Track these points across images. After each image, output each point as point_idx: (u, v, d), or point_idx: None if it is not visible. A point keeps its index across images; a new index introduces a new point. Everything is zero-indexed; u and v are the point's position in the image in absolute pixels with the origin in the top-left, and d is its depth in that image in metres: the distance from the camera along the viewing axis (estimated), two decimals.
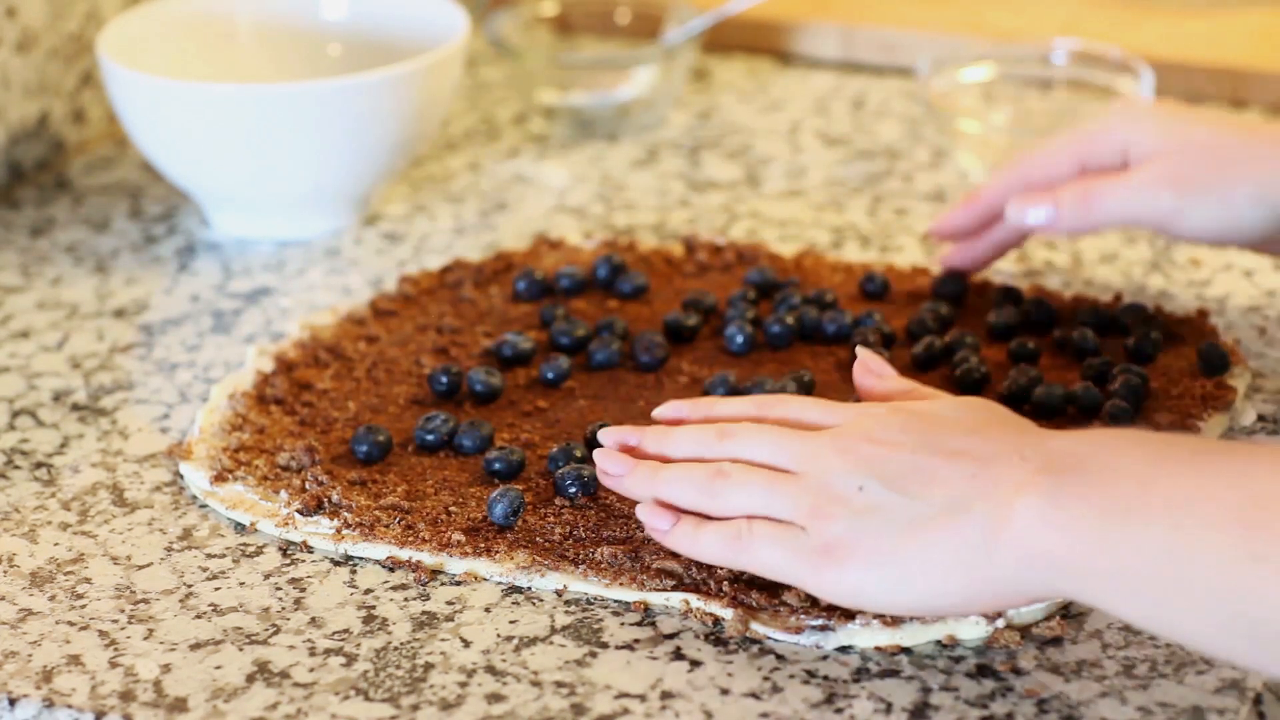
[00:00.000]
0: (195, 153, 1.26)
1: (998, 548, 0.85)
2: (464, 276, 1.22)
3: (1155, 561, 0.81)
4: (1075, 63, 1.40)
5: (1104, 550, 0.82)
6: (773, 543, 0.90)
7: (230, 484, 1.03)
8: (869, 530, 0.87)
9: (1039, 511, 0.84)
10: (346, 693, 0.89)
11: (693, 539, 0.92)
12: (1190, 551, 0.80)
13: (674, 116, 1.46)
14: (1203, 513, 0.80)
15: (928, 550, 0.86)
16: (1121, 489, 0.83)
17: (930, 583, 0.87)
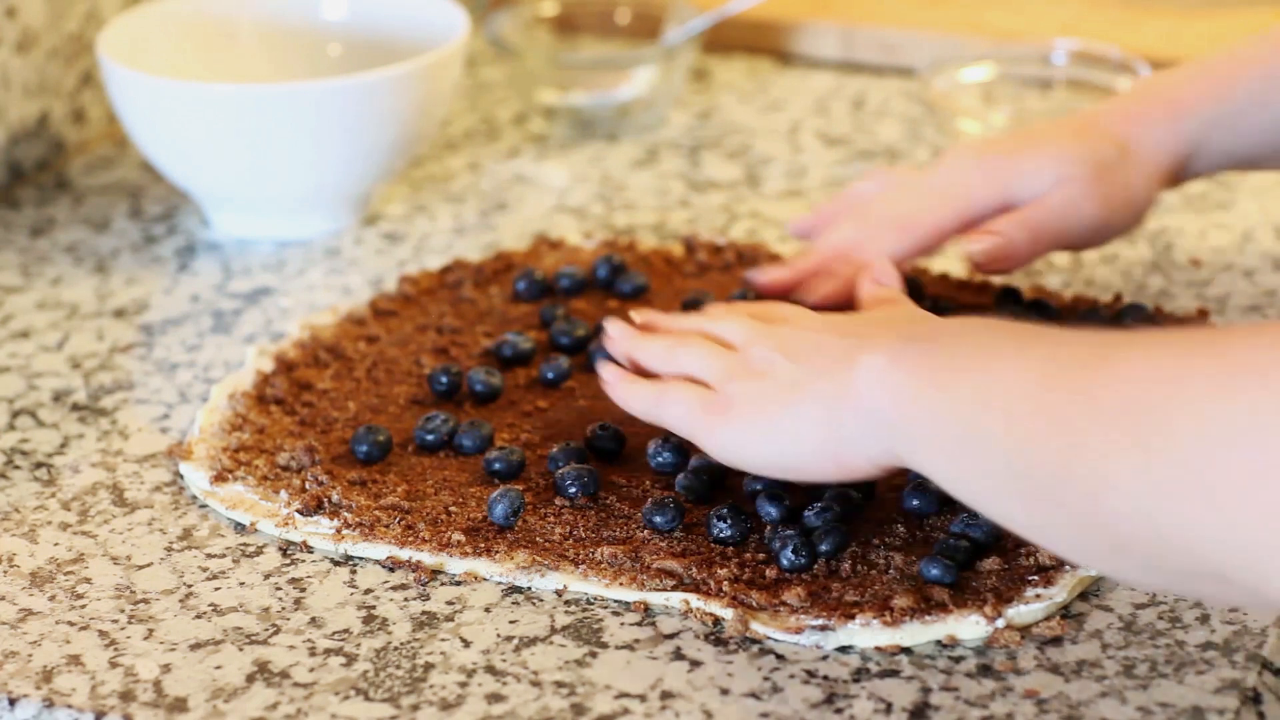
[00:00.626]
0: (195, 153, 1.26)
1: (844, 406, 0.90)
2: (464, 276, 1.22)
3: (960, 421, 0.84)
4: (1075, 63, 1.40)
5: (921, 409, 0.86)
6: (682, 400, 0.96)
7: (230, 484, 1.03)
8: (755, 390, 0.94)
9: (878, 371, 0.88)
10: (346, 693, 0.89)
11: (626, 389, 1.00)
12: (988, 410, 0.83)
13: (674, 116, 1.46)
14: (1006, 374, 0.83)
15: (794, 408, 0.92)
16: (951, 355, 0.86)
17: (792, 439, 0.92)
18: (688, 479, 1.00)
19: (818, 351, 0.93)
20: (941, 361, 0.87)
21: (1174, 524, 0.76)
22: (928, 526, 0.97)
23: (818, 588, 0.94)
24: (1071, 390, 0.80)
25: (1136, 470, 0.76)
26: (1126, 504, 0.77)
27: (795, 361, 0.93)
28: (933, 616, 0.92)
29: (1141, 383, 0.78)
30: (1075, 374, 0.80)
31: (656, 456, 1.02)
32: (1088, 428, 0.78)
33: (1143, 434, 0.76)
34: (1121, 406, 0.78)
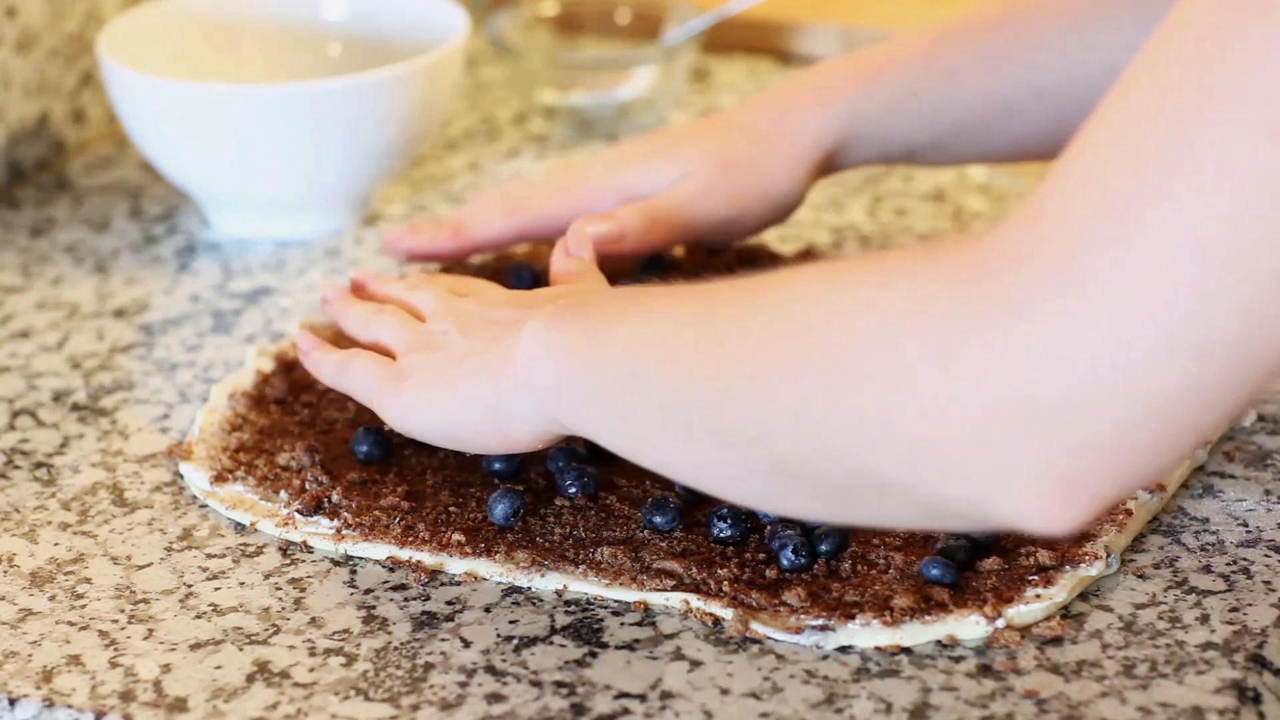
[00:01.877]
0: (195, 153, 1.26)
1: (504, 377, 0.92)
2: (464, 277, 1.22)
3: (615, 370, 0.86)
4: None
5: (577, 367, 0.88)
6: (365, 370, 0.99)
7: (230, 484, 1.03)
8: (428, 362, 0.96)
9: (534, 336, 0.90)
10: (346, 693, 0.89)
11: (316, 358, 1.03)
12: (643, 355, 0.85)
13: (674, 116, 1.46)
14: (660, 318, 0.85)
15: (460, 381, 0.94)
16: (606, 310, 0.89)
17: (456, 411, 0.95)
18: None
19: (487, 324, 0.95)
20: (596, 317, 0.89)
21: (829, 434, 0.78)
22: None
23: (818, 588, 0.94)
24: (725, 319, 0.83)
25: (790, 380, 0.79)
26: (783, 416, 0.79)
27: (466, 335, 0.95)
28: (933, 616, 0.92)
29: (796, 299, 0.80)
30: (727, 306, 0.83)
31: None
32: (741, 345, 0.81)
33: (795, 344, 0.79)
34: (771, 320, 0.80)
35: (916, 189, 1.34)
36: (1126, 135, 0.73)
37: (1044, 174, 0.76)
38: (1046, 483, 0.74)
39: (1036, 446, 0.74)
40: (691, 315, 0.85)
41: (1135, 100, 0.74)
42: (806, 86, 1.15)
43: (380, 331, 1.02)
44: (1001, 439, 0.74)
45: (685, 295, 0.87)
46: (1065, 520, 0.75)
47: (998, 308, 0.74)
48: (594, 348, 0.88)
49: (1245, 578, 0.95)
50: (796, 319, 0.80)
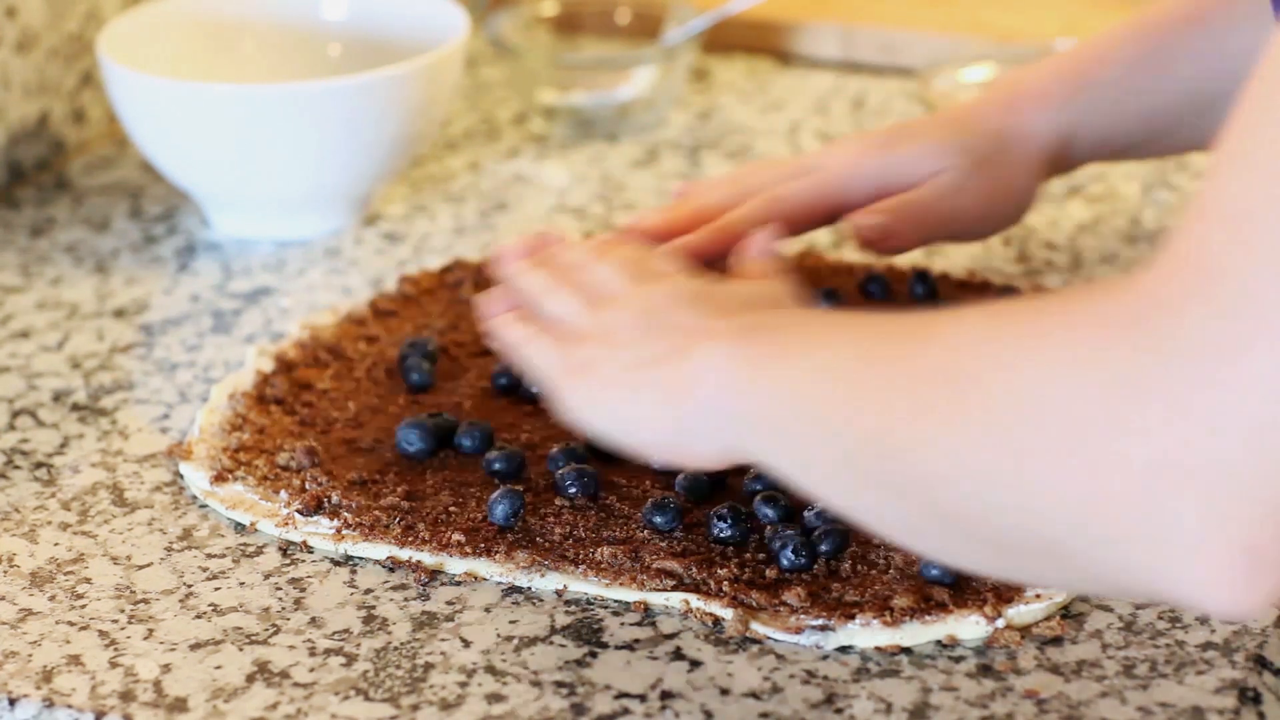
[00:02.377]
0: (195, 153, 1.26)
1: (683, 398, 0.88)
2: (464, 276, 1.22)
3: (790, 405, 0.83)
4: None
5: (755, 398, 0.84)
6: (544, 351, 0.95)
7: (230, 484, 1.03)
8: (603, 360, 0.91)
9: (715, 361, 0.87)
10: (346, 693, 0.89)
11: (503, 328, 0.97)
12: (815, 391, 0.82)
13: (674, 116, 1.46)
14: (830, 354, 0.82)
15: (634, 393, 0.90)
16: (785, 341, 0.85)
17: (633, 422, 0.90)
18: (688, 479, 1.00)
19: (667, 329, 0.91)
20: (774, 349, 0.85)
21: (995, 490, 0.73)
22: None
23: (818, 588, 0.94)
24: (890, 360, 0.79)
25: (954, 433, 0.75)
26: (948, 470, 0.75)
27: (644, 338, 0.91)
28: (933, 616, 0.92)
29: (956, 348, 0.76)
30: (894, 345, 0.80)
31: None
32: (905, 394, 0.77)
33: (957, 396, 0.75)
34: (935, 370, 0.76)
35: None
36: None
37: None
38: (1228, 552, 0.67)
39: (1215, 511, 0.67)
40: (858, 354, 0.81)
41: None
42: (1026, 88, 1.12)
43: (559, 307, 0.96)
44: (1176, 502, 0.68)
45: (854, 331, 0.83)
46: (1250, 596, 0.68)
47: (1168, 358, 0.68)
48: (769, 383, 0.84)
49: None
50: (956, 368, 0.76)
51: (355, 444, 1.06)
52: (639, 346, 0.90)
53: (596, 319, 0.94)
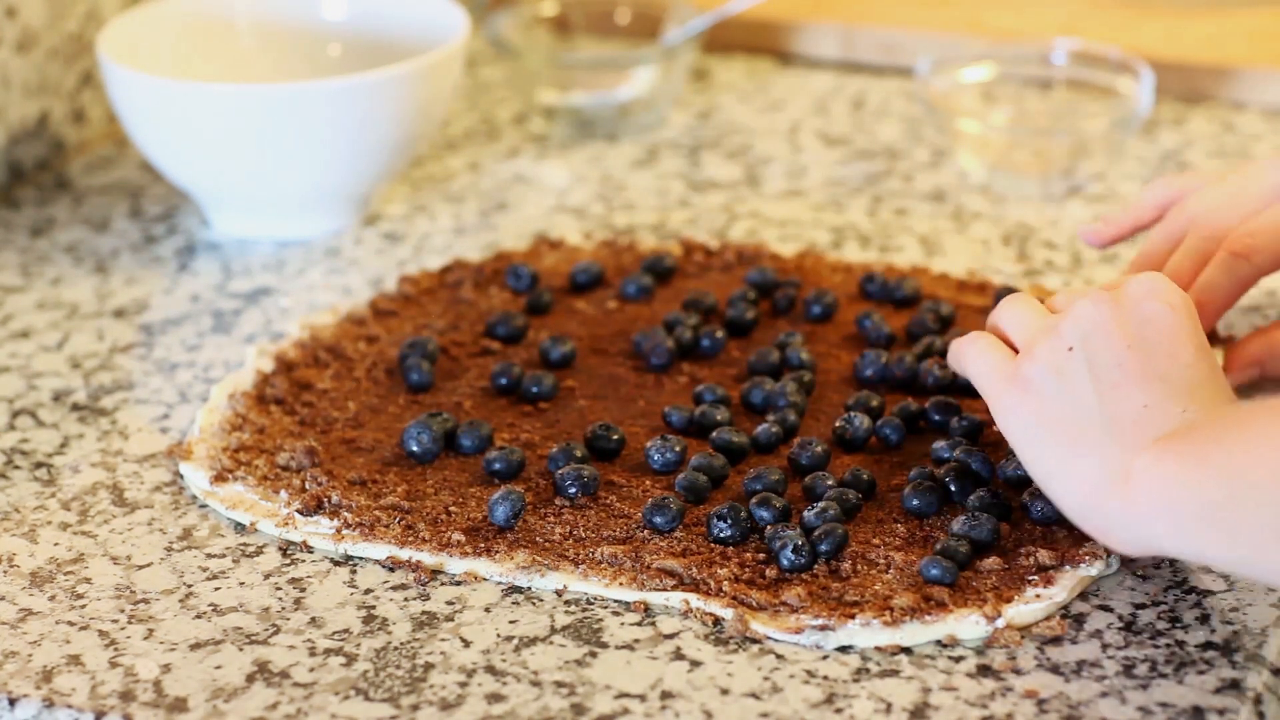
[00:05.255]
0: (195, 153, 1.26)
1: (1115, 492, 0.89)
2: (464, 276, 1.22)
3: (1227, 499, 0.84)
4: (1075, 63, 1.40)
5: (1191, 501, 0.86)
6: (984, 355, 0.95)
7: (230, 484, 1.03)
8: (1050, 394, 0.92)
9: (1151, 469, 0.88)
10: (346, 693, 0.89)
11: (957, 341, 0.98)
12: (1252, 484, 0.84)
13: (674, 116, 1.46)
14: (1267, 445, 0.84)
15: (1074, 452, 0.91)
16: (1217, 440, 0.86)
17: (1057, 476, 0.91)
18: (688, 479, 1.00)
19: (1120, 391, 0.91)
20: (1202, 445, 0.87)
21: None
22: (928, 526, 0.98)
23: (818, 588, 0.94)
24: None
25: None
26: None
27: (1097, 390, 0.91)
28: (933, 616, 0.92)
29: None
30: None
31: (657, 456, 1.02)
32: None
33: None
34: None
35: (916, 189, 1.35)
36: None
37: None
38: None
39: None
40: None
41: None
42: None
43: (1008, 319, 0.97)
44: None
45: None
46: None
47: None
48: (1200, 473, 0.86)
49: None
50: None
51: (355, 444, 1.06)
52: (1084, 402, 0.91)
53: (1045, 338, 0.93)
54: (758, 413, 1.07)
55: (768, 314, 1.17)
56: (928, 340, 1.11)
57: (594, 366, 1.12)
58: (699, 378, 1.11)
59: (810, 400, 1.08)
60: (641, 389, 1.10)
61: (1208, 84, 1.45)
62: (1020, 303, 0.97)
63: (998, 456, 1.02)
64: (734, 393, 1.09)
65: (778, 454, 1.04)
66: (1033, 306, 0.97)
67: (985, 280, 1.20)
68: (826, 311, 1.16)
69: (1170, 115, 1.43)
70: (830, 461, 1.02)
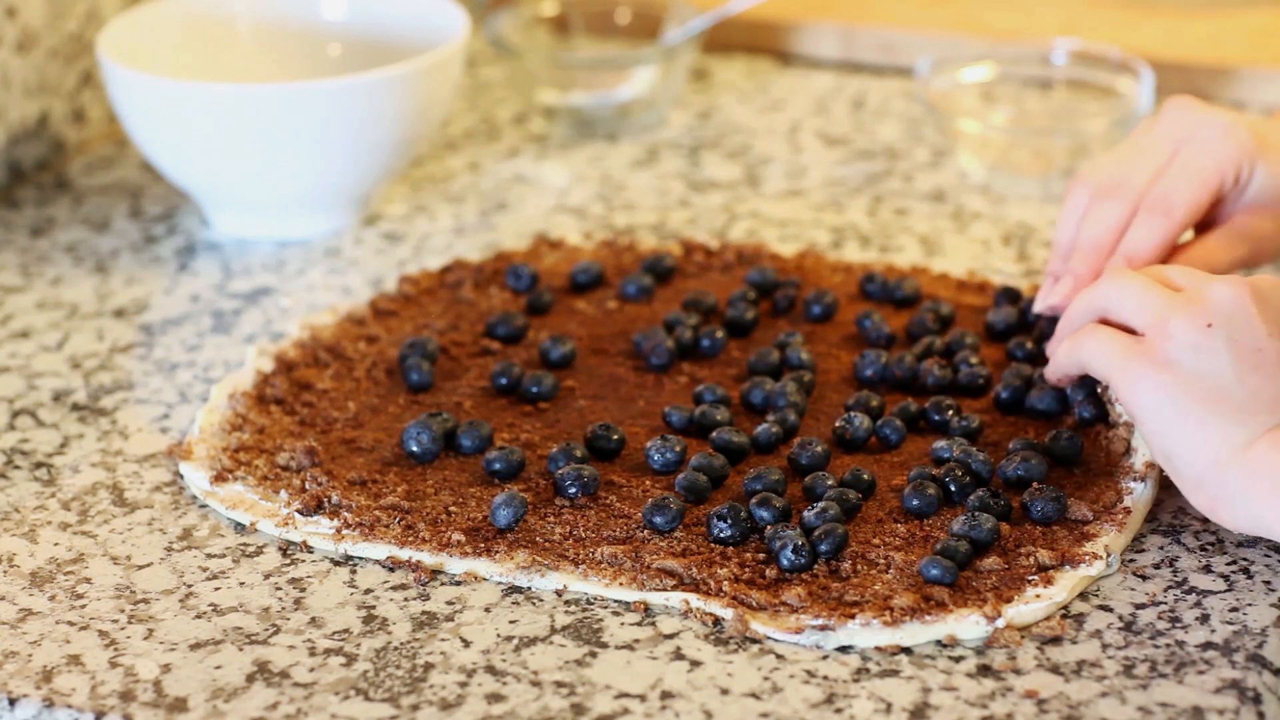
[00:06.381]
0: (195, 153, 1.26)
1: (1236, 464, 0.91)
2: (464, 276, 1.22)
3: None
4: (1075, 63, 1.40)
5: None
6: (1107, 341, 0.96)
7: (230, 484, 1.03)
8: (1186, 368, 0.93)
9: (1274, 451, 0.90)
10: (346, 693, 0.89)
11: (1065, 325, 1.00)
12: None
13: (674, 116, 1.46)
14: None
15: (1203, 426, 0.92)
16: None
17: (1185, 448, 0.93)
18: (688, 479, 1.00)
19: (1256, 372, 0.93)
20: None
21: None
22: (928, 526, 0.98)
23: (818, 588, 0.94)
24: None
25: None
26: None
27: (1232, 365, 0.93)
28: (933, 616, 0.92)
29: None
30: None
31: (657, 456, 1.02)
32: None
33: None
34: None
35: (916, 189, 1.35)
36: None
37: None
38: None
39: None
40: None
41: None
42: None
43: (1121, 297, 0.97)
44: None
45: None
46: None
47: None
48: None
49: (1245, 578, 0.95)
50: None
51: (355, 444, 1.06)
52: (1227, 377, 0.92)
53: (1177, 312, 0.94)
54: (758, 413, 1.07)
55: (768, 314, 1.18)
56: (928, 340, 1.11)
57: (594, 366, 1.12)
58: (699, 378, 1.11)
59: (810, 400, 1.08)
60: (641, 389, 1.10)
61: (1208, 84, 1.45)
62: (1133, 283, 0.97)
63: (998, 456, 1.02)
64: (734, 393, 1.09)
65: (778, 454, 1.04)
66: (1149, 285, 0.96)
67: (985, 280, 1.21)
68: (826, 311, 1.16)
69: None
70: (830, 461, 1.03)
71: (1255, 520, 0.92)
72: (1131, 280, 0.97)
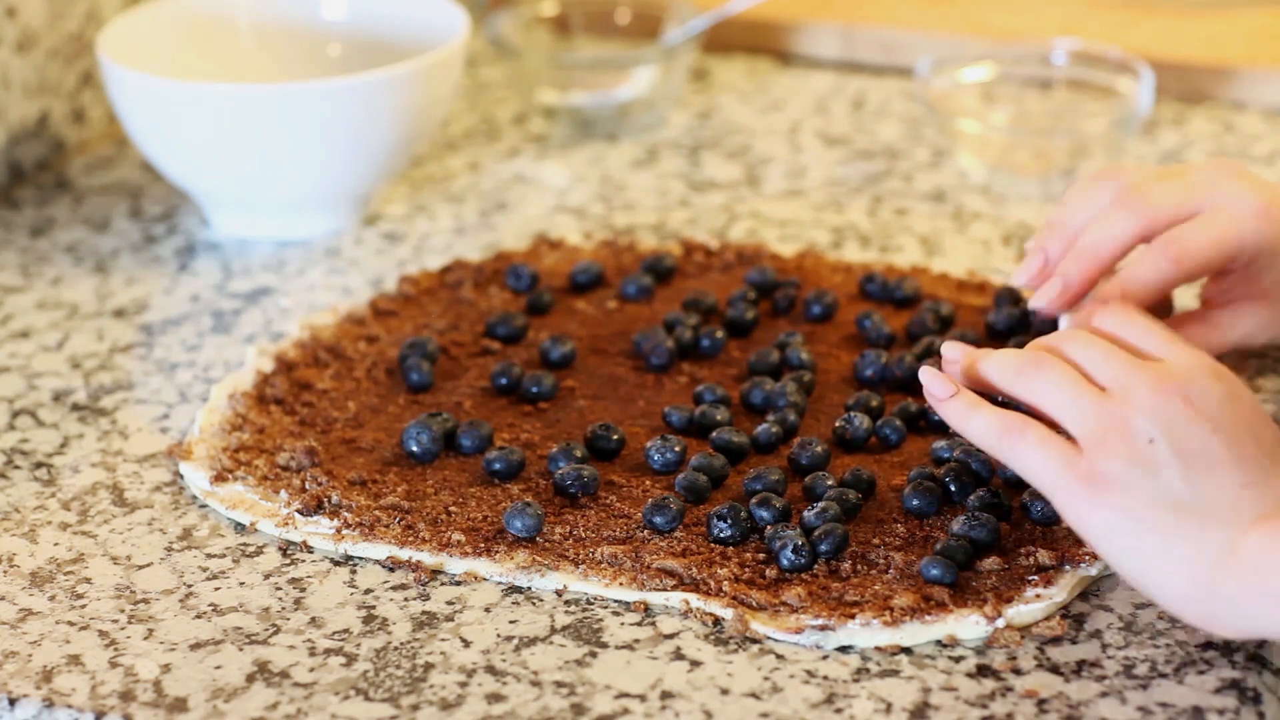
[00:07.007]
0: (195, 153, 1.26)
1: (1228, 570, 0.86)
2: (464, 276, 1.22)
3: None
4: (1075, 63, 1.40)
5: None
6: (1041, 450, 0.89)
7: (230, 484, 1.03)
8: (1135, 487, 0.87)
9: (1268, 546, 0.85)
10: (346, 693, 0.89)
11: (965, 415, 0.92)
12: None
13: (674, 116, 1.46)
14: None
15: (1173, 541, 0.87)
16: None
17: (1158, 571, 0.87)
18: (688, 479, 1.00)
19: (1214, 474, 0.87)
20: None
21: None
22: (928, 526, 0.98)
23: (818, 588, 0.94)
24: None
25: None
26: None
27: (1185, 475, 0.87)
28: (933, 616, 0.92)
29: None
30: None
31: (657, 456, 1.02)
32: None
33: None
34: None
35: (916, 189, 1.35)
36: None
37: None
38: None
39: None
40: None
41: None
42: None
43: (1046, 391, 0.90)
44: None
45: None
46: None
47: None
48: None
49: None
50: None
51: (355, 444, 1.06)
52: (1179, 488, 0.87)
53: (1103, 416, 0.89)
54: (758, 413, 1.07)
55: (768, 314, 1.18)
56: (928, 340, 1.11)
57: (594, 366, 1.12)
58: (699, 378, 1.11)
59: (810, 400, 1.08)
60: (641, 389, 1.10)
61: (1207, 84, 1.45)
62: (1059, 377, 0.90)
63: None
64: (734, 393, 1.09)
65: (778, 454, 1.04)
66: (1083, 389, 0.90)
67: (985, 280, 1.21)
68: (826, 311, 1.16)
69: (1170, 115, 1.43)
70: (830, 461, 1.02)
71: (1258, 628, 0.87)
72: (1056, 370, 0.90)
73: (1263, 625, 0.86)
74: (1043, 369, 0.91)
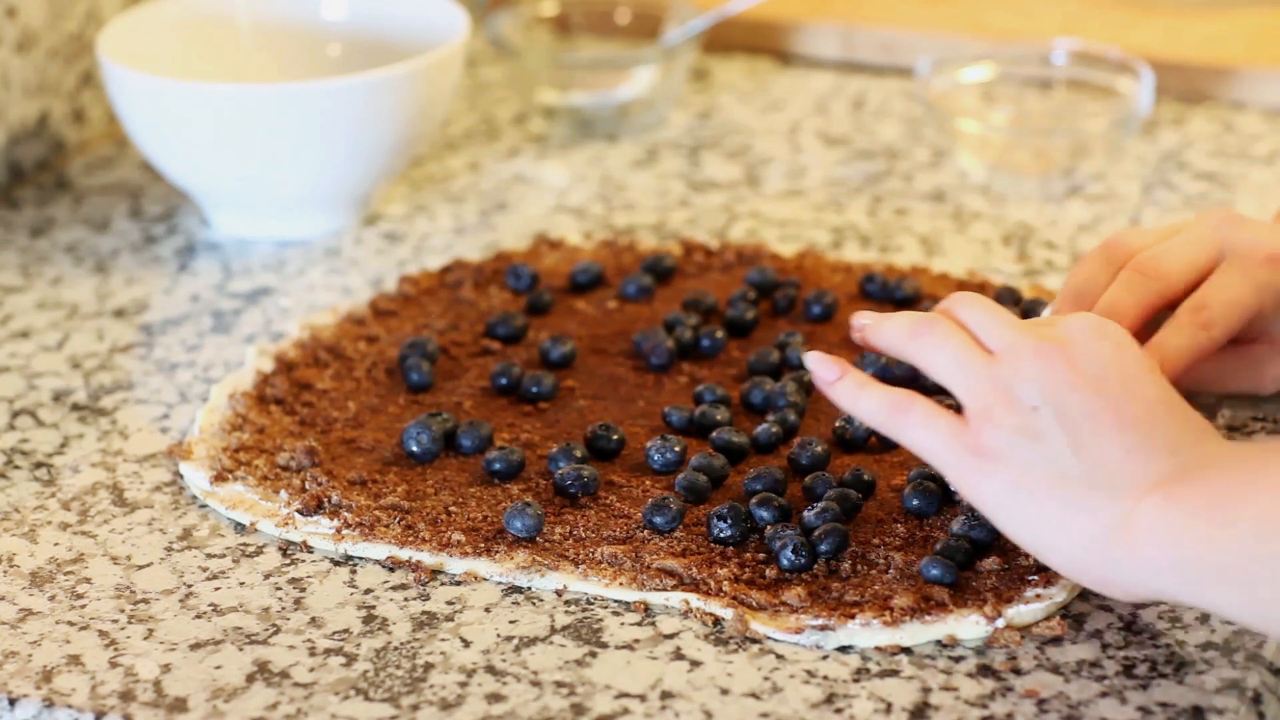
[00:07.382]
0: (195, 153, 1.26)
1: (1118, 540, 0.86)
2: (464, 276, 1.22)
3: (1242, 553, 0.82)
4: (1075, 63, 1.40)
5: (1202, 550, 0.84)
6: (929, 426, 0.89)
7: (230, 484, 1.03)
8: (1022, 458, 0.87)
9: (1155, 517, 0.85)
10: (346, 693, 0.89)
11: (854, 396, 0.92)
12: (1273, 536, 0.82)
13: (674, 116, 1.46)
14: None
15: (1065, 511, 0.87)
16: (1229, 487, 0.84)
17: (1053, 539, 0.87)
18: (688, 479, 1.00)
19: (1099, 440, 0.86)
20: (1221, 494, 0.84)
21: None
22: (928, 526, 0.98)
23: (818, 588, 0.94)
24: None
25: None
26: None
27: (1071, 442, 0.86)
28: (933, 616, 0.92)
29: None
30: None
31: (657, 456, 1.02)
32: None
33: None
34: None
35: (916, 189, 1.35)
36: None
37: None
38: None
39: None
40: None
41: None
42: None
43: (935, 358, 0.90)
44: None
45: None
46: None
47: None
48: (1220, 529, 0.83)
49: None
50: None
51: (355, 444, 1.06)
52: (1066, 459, 0.86)
53: (990, 384, 0.88)
54: (758, 413, 1.07)
55: (768, 314, 1.18)
56: None
57: (594, 366, 1.12)
58: (699, 378, 1.11)
59: (810, 400, 1.08)
60: (641, 389, 1.10)
61: (1207, 84, 1.45)
62: (946, 341, 0.90)
63: None
64: (734, 393, 1.09)
65: (778, 454, 1.04)
66: (958, 345, 0.89)
67: (985, 280, 1.20)
68: (826, 311, 1.16)
69: (1170, 115, 1.43)
70: (830, 461, 1.03)
71: (1151, 592, 0.87)
72: (946, 334, 0.90)
73: (1157, 590, 0.87)
74: (934, 332, 0.90)
